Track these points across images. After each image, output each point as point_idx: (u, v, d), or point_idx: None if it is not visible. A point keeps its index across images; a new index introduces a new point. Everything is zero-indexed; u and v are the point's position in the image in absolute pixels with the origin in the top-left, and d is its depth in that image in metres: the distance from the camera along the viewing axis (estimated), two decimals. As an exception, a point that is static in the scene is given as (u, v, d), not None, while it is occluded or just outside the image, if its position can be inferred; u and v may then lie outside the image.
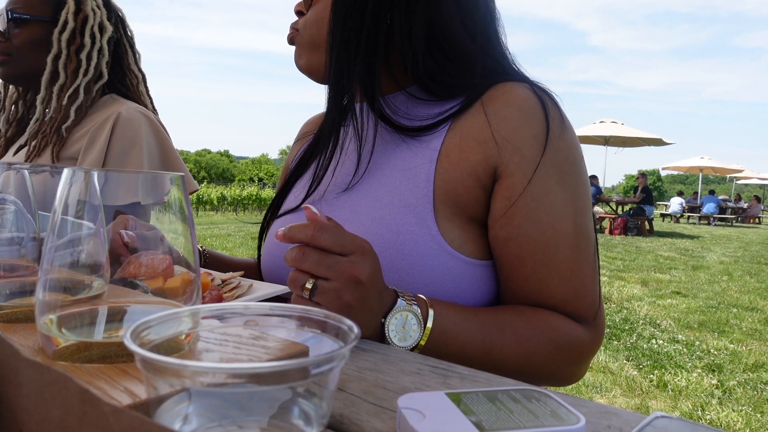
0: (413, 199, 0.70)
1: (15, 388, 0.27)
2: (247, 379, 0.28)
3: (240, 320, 0.38)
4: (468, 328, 0.62)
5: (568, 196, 0.68)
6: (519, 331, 0.64)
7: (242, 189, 22.99)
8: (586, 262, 0.69)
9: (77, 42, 1.33)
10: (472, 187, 0.69)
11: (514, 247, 0.68)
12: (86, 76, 1.34)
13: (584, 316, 0.68)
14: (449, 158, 0.70)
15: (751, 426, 2.42)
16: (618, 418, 0.39)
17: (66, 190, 0.38)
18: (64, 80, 1.33)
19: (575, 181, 0.69)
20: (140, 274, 0.40)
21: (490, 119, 0.69)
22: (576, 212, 0.68)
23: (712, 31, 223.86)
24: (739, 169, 23.54)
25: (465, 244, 0.69)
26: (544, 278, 0.67)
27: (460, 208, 0.69)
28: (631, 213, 12.05)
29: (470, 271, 0.69)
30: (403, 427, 0.33)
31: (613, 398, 2.68)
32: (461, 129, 0.71)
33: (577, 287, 0.68)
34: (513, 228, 0.67)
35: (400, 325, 0.58)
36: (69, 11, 1.33)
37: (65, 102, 1.32)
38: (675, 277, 6.20)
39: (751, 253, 9.06)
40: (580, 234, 0.68)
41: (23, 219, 0.49)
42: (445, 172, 0.70)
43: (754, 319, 4.35)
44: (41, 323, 0.38)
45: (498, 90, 0.71)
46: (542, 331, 0.65)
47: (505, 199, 0.68)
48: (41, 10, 1.33)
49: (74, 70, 1.33)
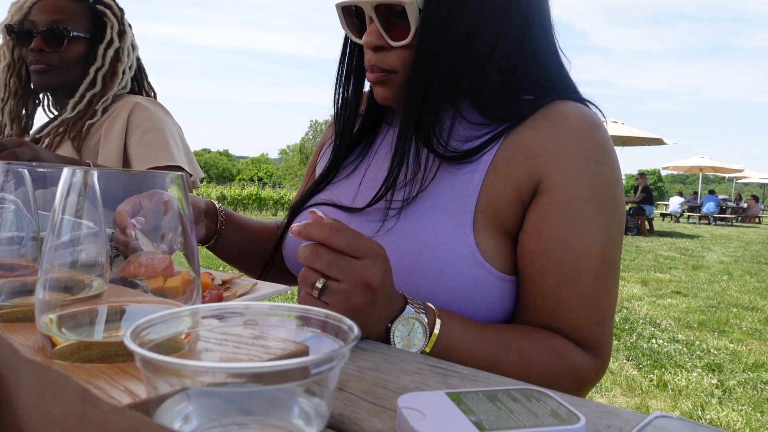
0: (455, 206, 0.70)
1: (15, 388, 0.27)
2: (247, 378, 0.28)
3: (240, 320, 0.38)
4: (473, 342, 0.62)
5: (602, 223, 0.68)
6: (524, 351, 0.64)
7: (242, 188, 23.02)
8: (607, 293, 0.68)
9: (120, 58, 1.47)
10: (512, 202, 0.69)
11: (539, 263, 0.68)
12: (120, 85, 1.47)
13: (592, 345, 0.68)
14: (497, 171, 0.70)
15: (751, 425, 2.43)
16: (618, 418, 0.39)
17: (66, 190, 0.38)
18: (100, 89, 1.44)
19: (612, 209, 0.69)
20: (140, 274, 0.40)
21: (541, 136, 0.70)
22: (606, 240, 0.68)
23: (714, 31, 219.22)
24: (739, 168, 23.53)
25: (497, 257, 0.69)
26: (562, 299, 0.67)
27: (498, 221, 0.69)
28: (631, 213, 12.05)
29: (497, 285, 0.69)
30: (403, 426, 0.33)
31: (613, 398, 2.68)
32: (512, 144, 0.71)
33: (593, 315, 0.67)
34: (542, 243, 0.67)
35: (406, 332, 0.59)
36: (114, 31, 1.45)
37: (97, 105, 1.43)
38: (675, 276, 6.20)
39: (751, 253, 9.06)
40: (606, 263, 0.68)
41: (23, 218, 0.49)
42: (490, 184, 0.70)
43: (754, 319, 4.35)
44: (41, 323, 0.38)
45: (552, 108, 0.72)
46: (546, 354, 0.65)
47: (539, 214, 0.68)
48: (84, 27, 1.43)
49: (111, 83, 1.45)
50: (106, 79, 1.45)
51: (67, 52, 1.41)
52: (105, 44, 1.43)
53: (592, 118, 0.71)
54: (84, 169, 0.38)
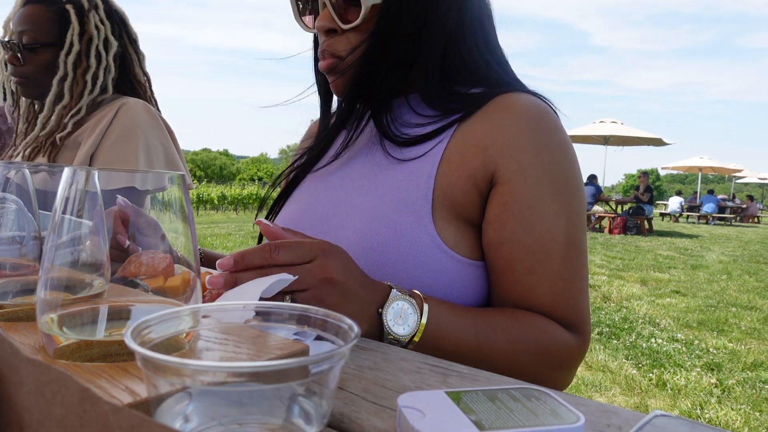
0: (412, 198, 0.71)
1: (16, 387, 0.27)
2: (247, 377, 0.28)
3: (240, 319, 0.38)
4: (461, 324, 0.63)
5: (562, 207, 0.69)
6: (510, 330, 0.65)
7: (242, 188, 23.00)
8: (577, 274, 0.70)
9: (83, 65, 1.35)
10: (469, 191, 0.71)
11: (505, 252, 0.69)
12: (91, 94, 1.37)
13: (572, 324, 0.69)
14: (450, 162, 0.72)
15: (750, 424, 2.43)
16: (617, 417, 0.39)
17: (66, 189, 0.38)
18: (69, 100, 1.36)
19: (570, 193, 0.71)
20: (141, 273, 0.40)
21: (491, 127, 0.71)
22: (569, 224, 0.69)
23: (715, 31, 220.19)
24: (738, 168, 23.54)
25: (460, 244, 0.70)
26: (533, 285, 0.68)
27: (456, 210, 0.71)
28: (631, 212, 12.05)
29: (464, 270, 0.70)
30: (403, 425, 0.33)
31: (613, 397, 2.68)
32: (464, 135, 0.73)
33: (567, 296, 0.68)
34: (506, 233, 0.69)
35: (398, 314, 0.59)
36: (74, 33, 1.34)
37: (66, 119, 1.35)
38: (674, 276, 6.20)
39: (750, 252, 9.07)
40: (571, 245, 0.69)
41: (24, 218, 0.49)
42: (445, 174, 0.71)
43: (753, 318, 4.36)
44: (42, 322, 0.39)
45: (502, 100, 0.73)
46: (532, 332, 0.66)
47: (500, 204, 0.70)
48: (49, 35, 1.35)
49: (80, 92, 1.36)
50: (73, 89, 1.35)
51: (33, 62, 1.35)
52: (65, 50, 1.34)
53: (542, 106, 0.73)
54: (85, 169, 0.38)
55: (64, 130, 1.35)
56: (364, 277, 0.59)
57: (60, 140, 1.35)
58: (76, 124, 1.36)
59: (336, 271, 0.55)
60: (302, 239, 0.57)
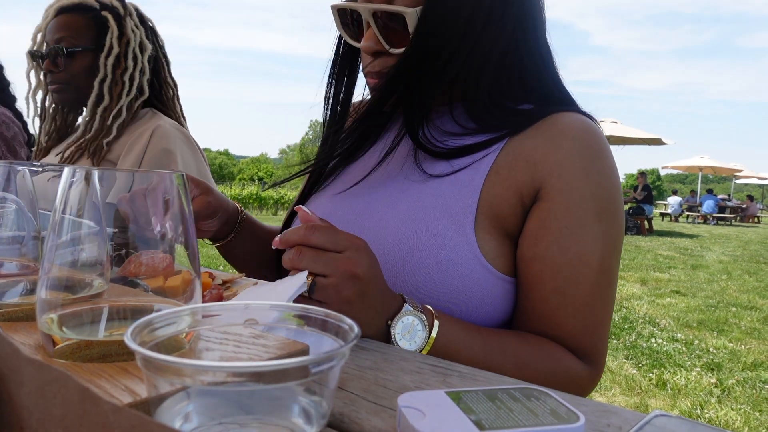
0: (457, 207, 0.70)
1: (16, 387, 0.27)
2: (247, 377, 0.28)
3: (240, 319, 0.38)
4: (471, 344, 0.62)
5: (600, 232, 0.68)
6: (520, 355, 0.64)
7: (243, 188, 23.01)
8: (604, 302, 0.69)
9: (122, 66, 1.42)
10: (514, 204, 0.70)
11: (536, 268, 0.68)
12: (129, 95, 1.42)
13: (588, 353, 0.68)
14: (498, 174, 0.71)
15: (750, 424, 2.43)
16: (617, 417, 0.39)
17: (67, 189, 0.38)
18: (109, 102, 1.41)
19: (611, 220, 0.70)
20: (141, 273, 0.40)
21: (544, 144, 0.71)
22: (605, 250, 0.68)
23: (715, 31, 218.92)
24: (739, 168, 23.54)
25: (498, 258, 0.70)
26: (558, 305, 0.67)
27: (499, 222, 0.70)
28: (631, 212, 12.05)
29: (499, 285, 0.69)
30: (403, 425, 0.33)
31: (613, 397, 2.68)
32: (514, 149, 0.72)
33: (588, 324, 0.68)
34: (540, 249, 0.68)
35: (406, 330, 0.59)
36: (113, 36, 1.41)
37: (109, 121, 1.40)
38: (674, 276, 6.20)
39: (750, 252, 9.07)
40: (604, 273, 0.68)
41: (24, 218, 0.49)
42: (492, 186, 0.71)
43: (753, 318, 4.36)
44: (42, 322, 0.38)
45: (555, 118, 0.73)
46: (543, 359, 0.65)
47: (539, 219, 0.69)
48: (87, 40, 1.41)
49: (119, 92, 1.42)
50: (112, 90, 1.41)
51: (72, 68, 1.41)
52: (105, 53, 1.41)
53: (594, 129, 0.73)
54: (85, 169, 0.38)
55: (110, 134, 1.39)
56: (383, 284, 0.59)
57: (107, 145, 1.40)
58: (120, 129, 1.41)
59: (362, 268, 0.55)
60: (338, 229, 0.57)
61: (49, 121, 1.53)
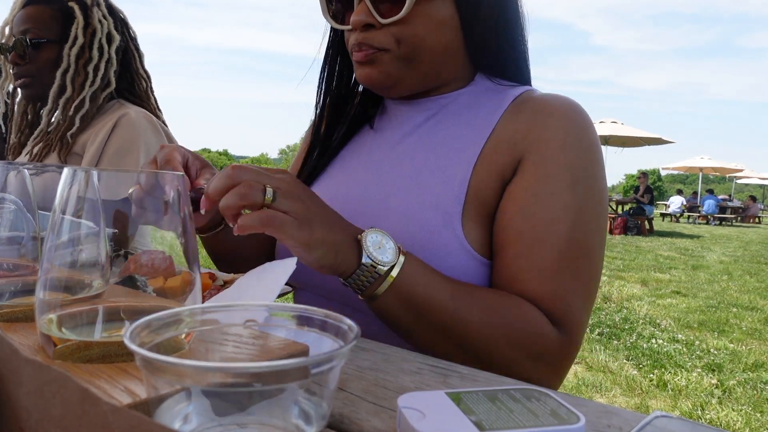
0: (445, 199, 0.71)
1: (15, 387, 0.27)
2: (247, 378, 0.28)
3: (240, 320, 0.38)
4: (439, 279, 0.62)
5: (574, 202, 0.67)
6: (487, 300, 0.63)
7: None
8: (574, 272, 0.66)
9: (85, 56, 1.39)
10: (497, 188, 0.71)
11: (501, 237, 0.69)
12: (92, 86, 1.39)
13: (559, 319, 0.65)
14: (484, 162, 0.72)
15: (751, 425, 2.43)
16: (618, 418, 0.39)
17: (66, 190, 0.38)
18: (71, 93, 1.39)
19: (587, 194, 0.69)
20: (141, 274, 0.40)
21: (525, 122, 0.72)
22: (577, 220, 0.67)
23: (715, 31, 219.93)
24: (739, 168, 23.53)
25: (485, 246, 0.70)
26: (521, 269, 0.66)
27: (485, 208, 0.71)
28: (631, 212, 12.05)
29: (486, 273, 0.70)
30: (403, 426, 0.33)
31: (613, 398, 2.68)
32: (499, 134, 0.73)
33: (555, 290, 0.65)
34: (505, 219, 0.69)
35: (376, 244, 0.58)
36: (79, 27, 1.38)
37: (71, 112, 1.38)
38: (675, 276, 6.20)
39: (751, 253, 9.06)
40: (574, 242, 0.66)
41: (23, 218, 0.49)
42: (478, 174, 0.72)
43: (754, 319, 4.35)
44: (41, 322, 0.38)
45: (534, 96, 0.75)
46: (510, 309, 0.63)
47: (509, 192, 0.70)
48: (52, 32, 1.39)
49: (81, 83, 1.39)
50: (75, 81, 1.38)
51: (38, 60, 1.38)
52: (69, 44, 1.38)
53: (577, 105, 0.74)
54: (84, 169, 0.38)
55: (73, 125, 1.37)
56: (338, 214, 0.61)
57: (71, 138, 1.37)
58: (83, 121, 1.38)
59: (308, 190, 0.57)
60: None
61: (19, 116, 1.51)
